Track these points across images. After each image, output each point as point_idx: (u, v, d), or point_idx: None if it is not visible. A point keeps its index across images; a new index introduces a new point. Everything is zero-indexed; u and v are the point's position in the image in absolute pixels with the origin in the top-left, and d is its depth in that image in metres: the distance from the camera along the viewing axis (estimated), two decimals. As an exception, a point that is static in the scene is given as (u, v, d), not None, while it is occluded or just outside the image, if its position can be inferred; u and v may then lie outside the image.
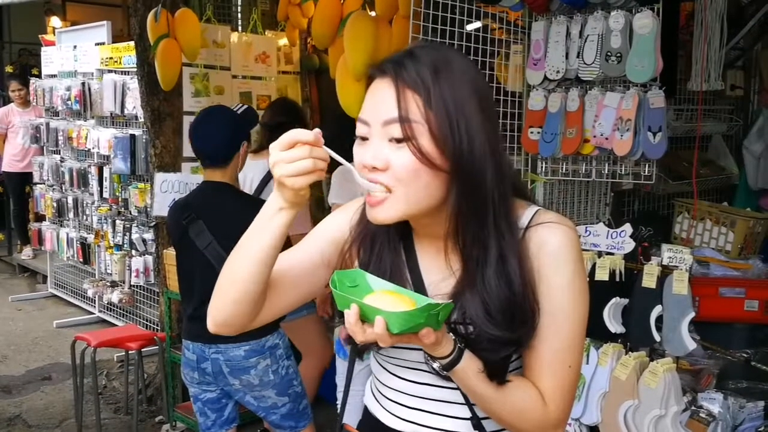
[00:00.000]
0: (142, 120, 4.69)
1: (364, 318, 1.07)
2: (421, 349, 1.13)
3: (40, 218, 7.16)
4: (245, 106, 2.92)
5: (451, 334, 1.14)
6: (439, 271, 1.26)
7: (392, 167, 1.13)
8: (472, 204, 1.16)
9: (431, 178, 1.13)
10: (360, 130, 1.17)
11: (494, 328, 1.16)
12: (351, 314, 1.06)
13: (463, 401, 1.26)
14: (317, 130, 1.11)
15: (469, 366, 1.15)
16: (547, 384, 1.20)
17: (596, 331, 2.61)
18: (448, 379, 1.20)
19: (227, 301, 1.24)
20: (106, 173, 5.72)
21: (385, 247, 1.28)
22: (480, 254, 1.18)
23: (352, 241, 1.31)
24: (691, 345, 2.48)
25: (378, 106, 1.15)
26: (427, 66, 1.14)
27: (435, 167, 1.13)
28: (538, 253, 1.20)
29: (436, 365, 1.15)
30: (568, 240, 1.21)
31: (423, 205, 1.16)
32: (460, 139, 1.12)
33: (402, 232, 1.29)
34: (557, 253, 1.20)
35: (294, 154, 1.09)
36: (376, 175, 1.14)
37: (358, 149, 1.18)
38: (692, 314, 2.47)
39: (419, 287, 1.26)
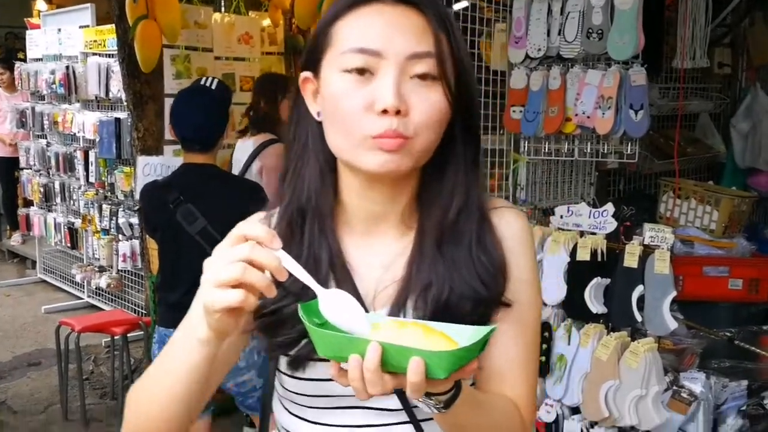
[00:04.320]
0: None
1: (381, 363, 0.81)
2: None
3: (27, 203, 7.13)
4: (216, 80, 2.85)
5: None
6: (370, 262, 1.07)
7: (416, 110, 0.95)
8: (471, 149, 1.05)
9: (445, 123, 0.99)
10: (360, 61, 0.94)
11: (466, 282, 1.00)
12: (371, 360, 0.79)
13: None
14: (271, 231, 0.85)
15: (467, 393, 0.92)
16: (520, 386, 1.06)
17: (578, 312, 2.59)
18: (400, 413, 1.03)
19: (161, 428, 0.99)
20: (92, 157, 5.68)
21: (315, 242, 1.05)
22: (459, 210, 1.03)
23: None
24: (673, 324, 2.46)
25: (400, 36, 0.95)
26: (442, 5, 1.03)
27: (452, 111, 0.99)
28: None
29: (431, 403, 0.88)
30: (527, 228, 1.10)
31: (429, 154, 1.00)
32: (470, 81, 1.02)
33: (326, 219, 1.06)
34: (518, 246, 1.07)
35: (229, 254, 0.83)
36: (393, 119, 0.93)
37: (356, 86, 0.95)
38: (673, 294, 2.45)
39: (349, 282, 1.04)
